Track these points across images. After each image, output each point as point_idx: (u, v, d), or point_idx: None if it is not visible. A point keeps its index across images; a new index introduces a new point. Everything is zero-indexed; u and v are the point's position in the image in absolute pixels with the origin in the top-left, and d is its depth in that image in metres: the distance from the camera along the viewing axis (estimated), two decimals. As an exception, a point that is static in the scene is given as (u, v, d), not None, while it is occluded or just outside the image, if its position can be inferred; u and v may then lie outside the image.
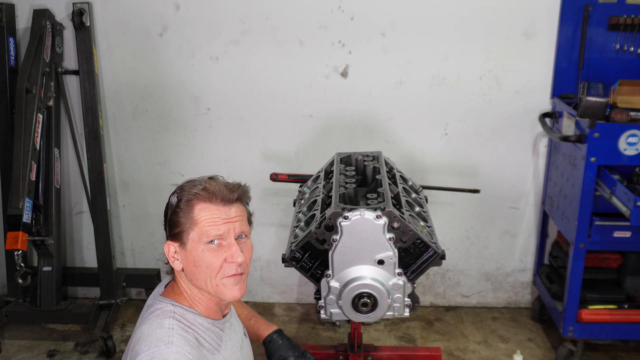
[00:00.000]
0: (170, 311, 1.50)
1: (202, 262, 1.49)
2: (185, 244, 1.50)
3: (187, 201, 1.49)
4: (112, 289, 3.40)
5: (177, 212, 1.50)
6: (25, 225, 2.91)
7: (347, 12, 3.20)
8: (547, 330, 3.41)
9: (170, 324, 1.46)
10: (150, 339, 1.42)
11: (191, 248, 1.50)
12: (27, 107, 3.05)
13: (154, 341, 1.42)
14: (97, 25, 3.31)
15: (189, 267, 1.52)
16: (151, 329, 1.45)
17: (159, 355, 1.38)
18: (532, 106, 3.26)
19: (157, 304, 1.54)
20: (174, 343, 1.41)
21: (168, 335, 1.43)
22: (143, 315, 1.55)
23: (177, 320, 1.48)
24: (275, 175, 2.91)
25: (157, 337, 1.43)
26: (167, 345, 1.40)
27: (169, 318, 1.48)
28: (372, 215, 1.95)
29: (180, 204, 1.50)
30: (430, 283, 3.67)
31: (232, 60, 3.31)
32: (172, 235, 1.52)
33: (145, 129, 3.49)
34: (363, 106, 3.34)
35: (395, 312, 2.04)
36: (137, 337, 1.46)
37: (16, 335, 3.42)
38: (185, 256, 1.51)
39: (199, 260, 1.50)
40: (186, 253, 1.51)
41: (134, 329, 1.54)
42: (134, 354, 1.43)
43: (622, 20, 3.04)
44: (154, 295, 1.61)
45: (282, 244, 3.56)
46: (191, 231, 1.49)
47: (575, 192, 2.82)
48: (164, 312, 1.50)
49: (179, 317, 1.50)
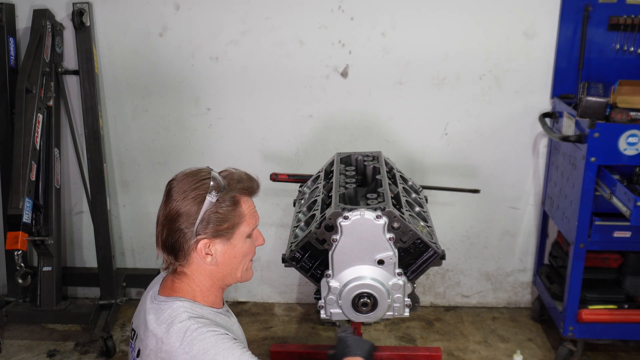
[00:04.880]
0: (181, 306, 1.51)
1: (242, 252, 1.58)
2: (230, 238, 1.54)
3: (232, 197, 1.52)
4: (112, 289, 3.40)
5: (224, 209, 1.51)
6: (25, 225, 2.91)
7: (347, 12, 3.20)
8: (547, 330, 3.41)
9: (188, 316, 1.48)
10: (177, 335, 1.44)
11: (236, 241, 1.55)
12: (27, 107, 3.05)
13: (181, 335, 1.43)
14: (97, 25, 3.31)
15: (228, 259, 1.56)
16: (172, 327, 1.46)
17: (196, 340, 1.42)
18: (532, 106, 3.26)
19: (163, 305, 1.53)
20: (203, 326, 1.45)
21: (194, 323, 1.46)
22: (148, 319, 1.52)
23: (191, 313, 1.50)
24: (275, 175, 2.91)
25: (184, 329, 1.45)
26: (198, 329, 1.44)
27: (183, 312, 1.49)
28: (372, 215, 1.95)
29: (226, 201, 1.52)
30: (430, 283, 3.67)
31: (232, 60, 3.31)
32: (218, 232, 1.52)
33: (145, 129, 3.48)
34: (363, 106, 3.34)
35: (395, 312, 2.04)
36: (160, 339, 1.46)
37: (16, 335, 3.42)
38: (226, 250, 1.55)
39: (241, 252, 1.57)
40: (229, 247, 1.55)
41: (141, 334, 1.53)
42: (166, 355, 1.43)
43: (622, 20, 3.04)
44: (151, 297, 1.59)
45: (282, 244, 3.56)
46: (240, 226, 1.54)
47: (575, 192, 2.82)
48: (176, 309, 1.50)
49: (191, 310, 1.51)
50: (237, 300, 3.77)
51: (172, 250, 1.53)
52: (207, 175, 1.52)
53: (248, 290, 3.75)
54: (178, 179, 1.54)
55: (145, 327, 1.52)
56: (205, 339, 1.42)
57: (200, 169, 1.56)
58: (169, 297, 1.54)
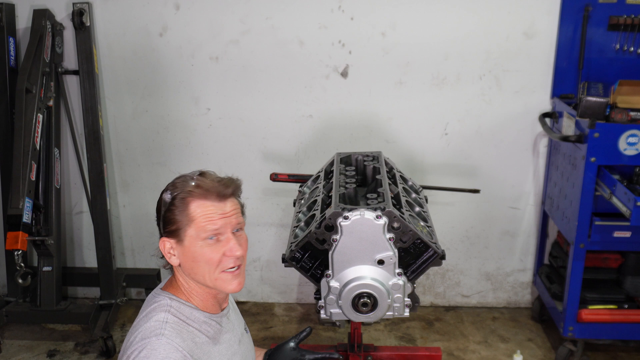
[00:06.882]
0: (167, 304, 1.52)
1: (201, 258, 1.50)
2: (182, 240, 1.51)
3: (181, 199, 1.50)
4: (112, 289, 3.40)
5: (172, 209, 1.50)
6: (25, 225, 2.91)
7: (347, 12, 3.20)
8: (547, 330, 3.41)
9: (165, 317, 1.48)
10: (144, 331, 1.45)
11: (189, 244, 1.50)
12: (27, 107, 3.05)
13: (146, 333, 1.45)
14: (97, 25, 3.31)
15: (187, 262, 1.53)
16: (145, 322, 1.48)
17: (149, 346, 1.41)
18: (532, 106, 3.26)
19: (155, 298, 1.56)
20: (165, 335, 1.43)
21: (160, 327, 1.45)
22: (143, 308, 1.58)
23: (172, 314, 1.50)
24: (275, 175, 2.91)
25: (150, 329, 1.46)
26: (158, 337, 1.43)
27: (164, 312, 1.50)
28: (372, 215, 1.95)
29: (175, 202, 1.50)
30: (430, 283, 3.67)
31: (232, 60, 3.31)
32: (168, 232, 1.53)
33: (145, 129, 3.49)
34: (363, 106, 3.34)
35: (395, 312, 2.04)
36: (134, 328, 1.50)
37: (16, 335, 3.42)
38: (183, 252, 1.52)
39: (197, 256, 1.50)
40: (183, 249, 1.52)
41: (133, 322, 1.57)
42: (127, 345, 1.46)
43: (622, 20, 3.04)
44: (155, 289, 1.64)
45: (282, 244, 3.56)
46: (188, 228, 1.49)
47: (575, 192, 2.82)
48: (160, 306, 1.52)
49: (175, 310, 1.52)
50: (237, 300, 3.76)
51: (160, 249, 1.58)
52: (180, 176, 1.55)
53: (248, 290, 3.75)
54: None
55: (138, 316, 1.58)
56: (154, 349, 1.41)
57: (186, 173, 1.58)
58: (163, 292, 1.58)
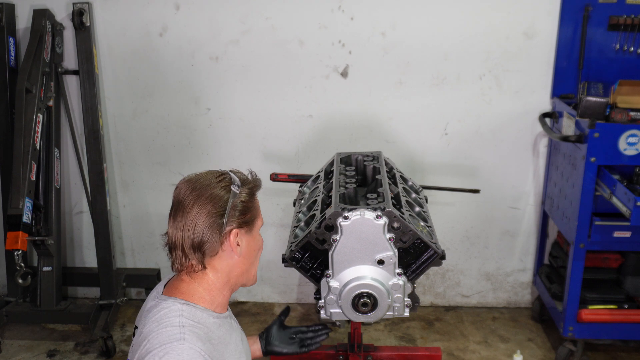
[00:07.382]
0: (178, 309, 1.49)
1: (258, 247, 1.66)
2: (252, 229, 1.61)
3: (250, 189, 1.59)
4: (112, 289, 3.40)
5: (246, 200, 1.57)
6: (25, 225, 2.91)
7: (347, 12, 3.20)
8: (547, 330, 3.41)
9: (181, 322, 1.46)
10: (161, 337, 1.42)
11: (255, 233, 1.63)
12: (27, 107, 3.06)
13: (165, 338, 1.41)
14: (97, 25, 3.31)
15: (250, 252, 1.62)
16: (161, 327, 1.45)
17: (172, 351, 1.38)
18: (532, 106, 3.26)
19: (162, 304, 1.52)
20: (186, 339, 1.41)
21: (180, 332, 1.43)
22: (147, 316, 1.53)
23: (187, 318, 1.48)
24: (275, 175, 2.91)
25: (168, 334, 1.42)
26: (180, 342, 1.40)
27: (177, 317, 1.47)
28: (372, 215, 1.95)
29: (247, 193, 1.58)
30: (430, 283, 3.67)
31: (232, 60, 3.31)
32: (244, 222, 1.57)
33: (145, 129, 3.49)
34: (363, 106, 3.34)
35: (395, 312, 2.04)
36: (146, 336, 1.45)
37: (16, 335, 3.42)
38: (249, 242, 1.61)
39: (259, 245, 1.66)
40: (251, 239, 1.61)
41: (138, 330, 1.52)
42: (144, 352, 1.42)
43: (622, 20, 3.04)
44: (155, 295, 1.60)
45: (282, 244, 3.56)
46: (257, 218, 1.62)
47: (575, 192, 2.82)
48: (172, 311, 1.49)
49: (188, 314, 1.49)
50: (237, 300, 3.77)
51: (199, 248, 1.51)
52: (220, 172, 1.59)
53: (248, 290, 3.75)
54: (192, 180, 1.55)
55: (143, 323, 1.53)
56: (179, 354, 1.39)
57: (208, 171, 1.59)
58: (170, 297, 1.54)
